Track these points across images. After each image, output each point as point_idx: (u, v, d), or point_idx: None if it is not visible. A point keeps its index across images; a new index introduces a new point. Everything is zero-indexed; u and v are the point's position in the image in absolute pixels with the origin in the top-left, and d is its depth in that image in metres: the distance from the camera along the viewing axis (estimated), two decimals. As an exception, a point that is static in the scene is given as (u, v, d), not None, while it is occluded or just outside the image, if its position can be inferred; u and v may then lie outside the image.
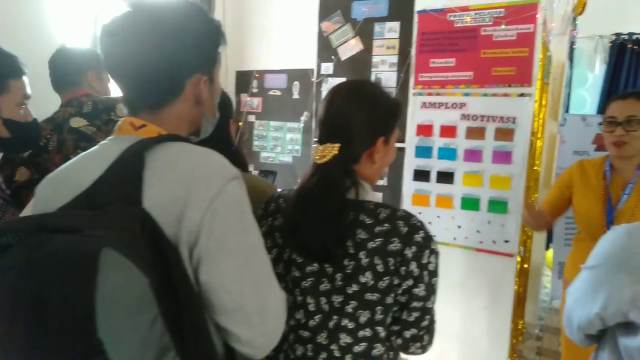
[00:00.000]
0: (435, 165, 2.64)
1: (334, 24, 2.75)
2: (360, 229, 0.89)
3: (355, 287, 0.89)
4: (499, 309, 2.53)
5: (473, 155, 2.52)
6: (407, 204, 2.74)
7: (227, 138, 1.20)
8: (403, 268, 0.88)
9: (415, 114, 2.65)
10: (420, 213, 2.71)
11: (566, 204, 1.91)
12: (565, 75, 3.12)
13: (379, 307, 0.90)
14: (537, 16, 2.25)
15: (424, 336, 0.94)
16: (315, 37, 2.84)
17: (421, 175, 2.68)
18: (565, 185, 1.89)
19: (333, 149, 0.93)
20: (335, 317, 0.91)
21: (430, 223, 2.69)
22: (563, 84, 3.07)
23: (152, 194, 0.70)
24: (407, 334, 0.93)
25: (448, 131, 2.57)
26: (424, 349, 0.96)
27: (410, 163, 2.70)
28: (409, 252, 0.88)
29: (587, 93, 5.04)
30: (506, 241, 2.47)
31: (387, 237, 0.88)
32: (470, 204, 2.56)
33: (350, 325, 0.91)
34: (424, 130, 2.64)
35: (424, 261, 0.89)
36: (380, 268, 0.88)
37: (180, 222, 0.70)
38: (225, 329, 0.75)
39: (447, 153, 2.59)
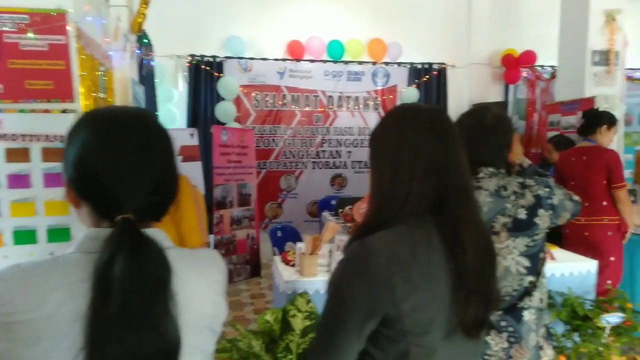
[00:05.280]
0: (-29, 197, 2.13)
1: None
2: None
3: None
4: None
5: (19, 180, 2.16)
6: (-64, 252, 2.11)
7: None
8: None
9: None
10: (-42, 260, 2.14)
11: None
12: (131, 91, 3.16)
13: None
14: (67, 27, 2.10)
15: None
16: None
17: (-48, 212, 2.10)
18: None
19: None
20: None
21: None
22: (130, 99, 3.10)
23: None
24: None
25: (-19, 155, 2.11)
26: None
27: None
28: None
29: (175, 108, 5.44)
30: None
31: None
32: (25, 237, 2.19)
33: None
34: (-54, 155, 2.07)
35: None
36: None
37: None
38: None
39: (-15, 181, 2.13)
